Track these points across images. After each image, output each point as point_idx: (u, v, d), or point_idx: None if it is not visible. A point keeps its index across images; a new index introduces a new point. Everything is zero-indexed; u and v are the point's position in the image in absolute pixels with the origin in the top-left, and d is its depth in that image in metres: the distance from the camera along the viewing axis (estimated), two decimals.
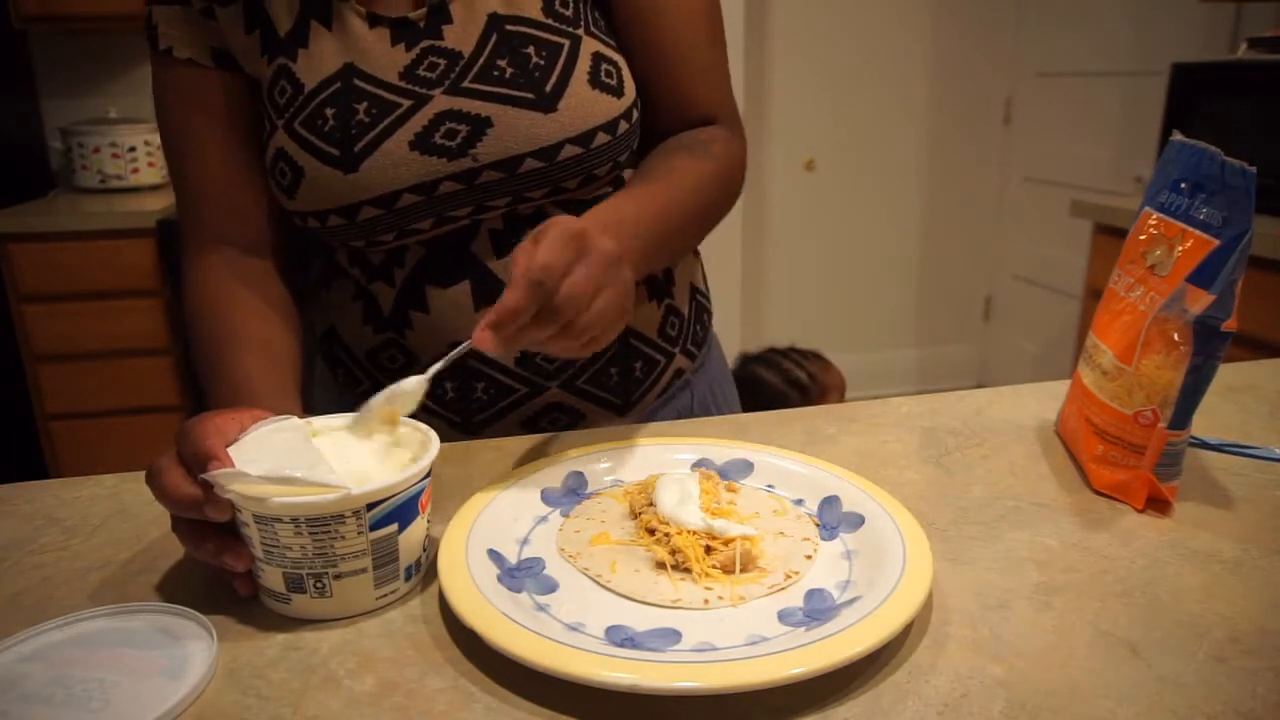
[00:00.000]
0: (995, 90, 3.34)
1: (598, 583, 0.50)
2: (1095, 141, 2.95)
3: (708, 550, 0.51)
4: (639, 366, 0.79)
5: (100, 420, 2.37)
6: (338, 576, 0.47)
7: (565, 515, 0.57)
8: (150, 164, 2.61)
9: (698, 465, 0.63)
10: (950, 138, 3.35)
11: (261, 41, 0.71)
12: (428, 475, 0.50)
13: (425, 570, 0.52)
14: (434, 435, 0.52)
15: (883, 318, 3.50)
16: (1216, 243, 0.54)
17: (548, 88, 0.68)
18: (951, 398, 0.80)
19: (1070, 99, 3.06)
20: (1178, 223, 0.58)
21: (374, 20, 0.69)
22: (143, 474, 0.65)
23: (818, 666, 0.40)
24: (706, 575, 0.50)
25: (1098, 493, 0.62)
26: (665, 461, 0.63)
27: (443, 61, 0.68)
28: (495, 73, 0.68)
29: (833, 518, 0.56)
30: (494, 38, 0.69)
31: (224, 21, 0.70)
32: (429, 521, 0.52)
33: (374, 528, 0.47)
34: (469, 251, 0.72)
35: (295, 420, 0.53)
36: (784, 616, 0.47)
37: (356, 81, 0.68)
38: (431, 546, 0.53)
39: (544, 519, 0.57)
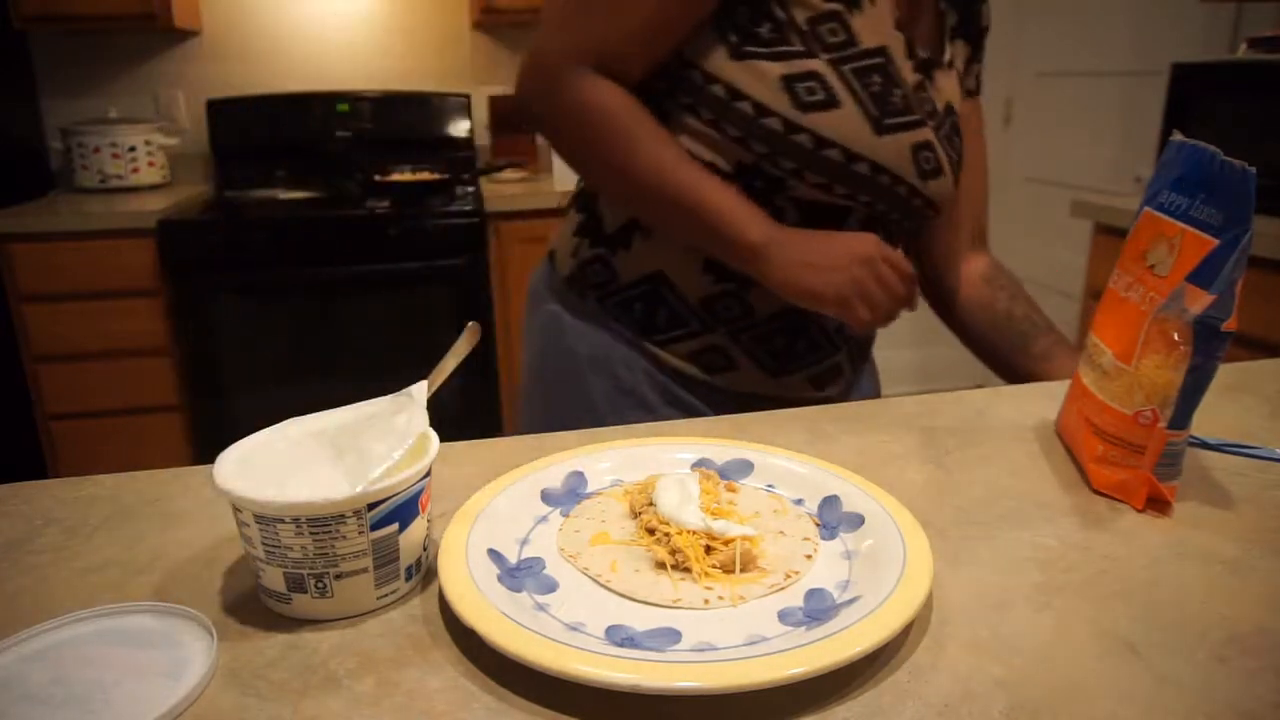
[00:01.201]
0: (995, 90, 3.34)
1: (598, 582, 0.50)
2: (1095, 141, 2.95)
3: (708, 550, 0.51)
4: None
5: (100, 420, 2.37)
6: (338, 576, 0.47)
7: (565, 515, 0.57)
8: (150, 164, 2.61)
9: (698, 465, 0.63)
10: None
11: None
12: (427, 475, 0.50)
13: (425, 570, 0.52)
14: (434, 435, 0.52)
15: None
16: (1216, 243, 0.54)
17: (957, 167, 0.91)
18: (951, 398, 0.80)
19: (1070, 99, 3.06)
20: (1178, 223, 0.58)
21: (899, 23, 0.82)
22: (142, 474, 0.66)
23: (818, 666, 0.40)
24: (706, 575, 0.50)
25: (1098, 493, 0.62)
26: (665, 461, 0.63)
27: (929, 102, 0.86)
28: (951, 143, 0.89)
29: (833, 518, 0.56)
30: (950, 120, 0.89)
31: None
32: (429, 521, 0.52)
33: (375, 528, 0.47)
34: (840, 230, 0.84)
35: (293, 423, 0.53)
36: (784, 616, 0.47)
37: (890, 69, 0.81)
38: (431, 546, 0.53)
39: (544, 519, 0.57)
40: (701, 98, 0.81)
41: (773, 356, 0.90)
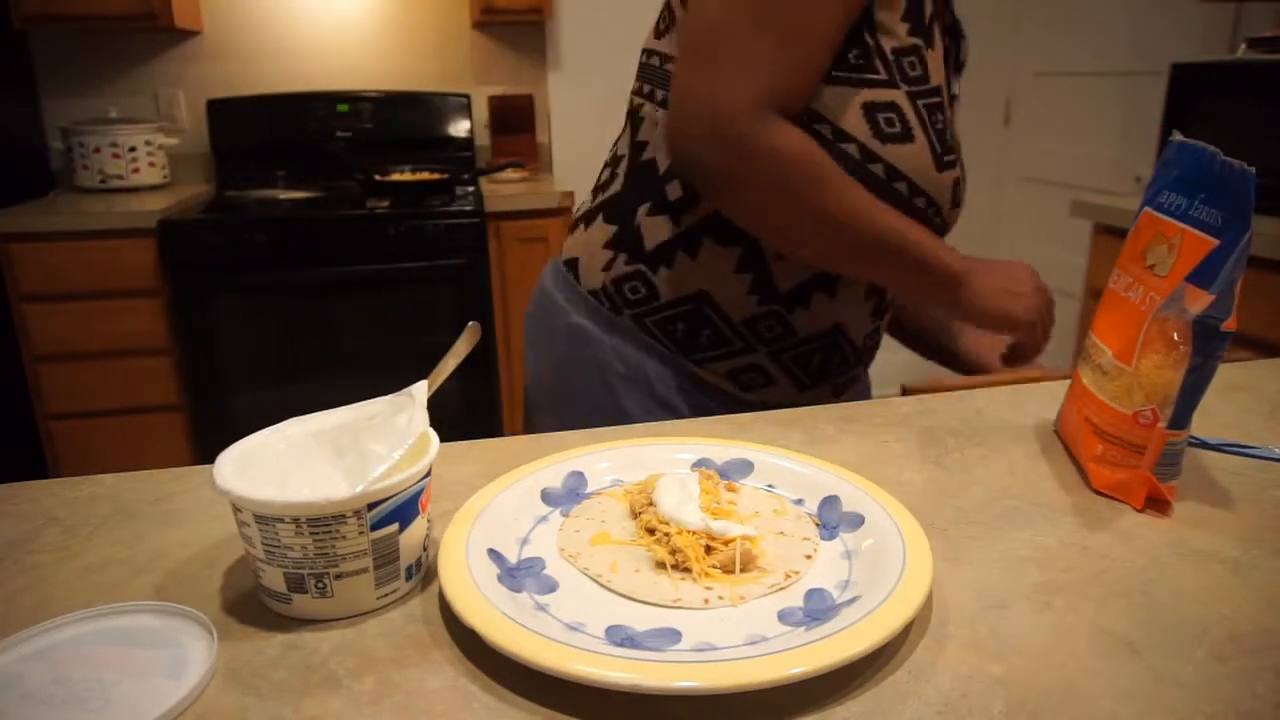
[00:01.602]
0: (995, 90, 3.34)
1: (598, 583, 0.50)
2: (1095, 141, 2.95)
3: (708, 550, 0.51)
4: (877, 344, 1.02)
5: (100, 420, 2.37)
6: (339, 576, 0.47)
7: (565, 515, 0.57)
8: (150, 164, 2.61)
9: (698, 465, 0.63)
10: None
11: (907, 5, 0.78)
12: (427, 475, 0.50)
13: (425, 570, 0.52)
14: (434, 435, 0.52)
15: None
16: (1216, 243, 0.54)
17: None
18: (951, 398, 0.80)
19: (1069, 99, 3.06)
20: (1178, 223, 0.58)
21: (945, 57, 0.83)
22: (142, 474, 0.66)
23: (818, 666, 0.40)
24: (706, 575, 0.50)
25: (1097, 492, 0.62)
26: (665, 461, 0.63)
27: (955, 138, 0.87)
28: (965, 176, 0.89)
29: (833, 517, 0.56)
30: (960, 154, 0.88)
31: None
32: (429, 521, 0.52)
33: (375, 527, 0.47)
34: None
35: (293, 423, 0.53)
36: (784, 616, 0.47)
37: (945, 106, 0.82)
38: (431, 546, 0.53)
39: (544, 519, 0.57)
40: None
41: (807, 373, 0.92)
